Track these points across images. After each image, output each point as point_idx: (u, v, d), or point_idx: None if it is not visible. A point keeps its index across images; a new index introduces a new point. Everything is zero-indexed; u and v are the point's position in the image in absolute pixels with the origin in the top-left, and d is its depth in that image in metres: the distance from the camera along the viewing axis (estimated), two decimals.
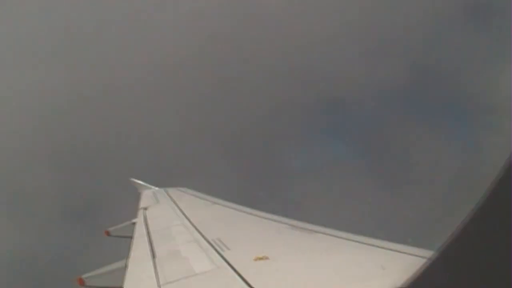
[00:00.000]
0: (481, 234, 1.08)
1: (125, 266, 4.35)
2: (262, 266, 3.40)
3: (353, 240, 3.98)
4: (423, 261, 3.08)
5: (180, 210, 7.51)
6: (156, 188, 12.18)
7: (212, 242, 4.49)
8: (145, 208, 8.43)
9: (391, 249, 3.55)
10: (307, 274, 3.18)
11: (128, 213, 8.56)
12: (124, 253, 4.96)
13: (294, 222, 5.09)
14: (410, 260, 3.25)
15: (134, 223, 7.23)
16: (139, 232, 6.15)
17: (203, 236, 4.93)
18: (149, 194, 11.14)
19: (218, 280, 3.28)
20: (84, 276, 4.82)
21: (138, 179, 13.98)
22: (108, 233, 7.70)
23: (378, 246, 3.68)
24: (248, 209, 6.59)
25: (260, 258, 3.54)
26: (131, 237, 5.93)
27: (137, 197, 11.30)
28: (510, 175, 0.98)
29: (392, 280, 2.81)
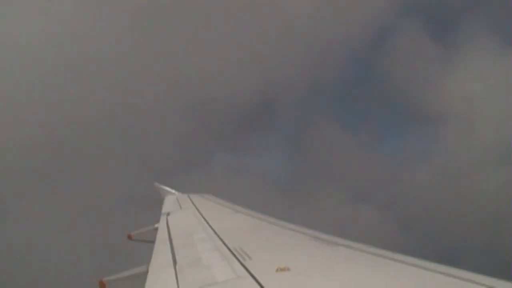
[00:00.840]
0: None
1: (146, 271, 4.36)
2: (283, 277, 3.37)
3: (380, 256, 3.92)
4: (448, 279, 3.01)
5: (203, 217, 7.52)
6: (179, 194, 12.26)
7: (233, 251, 4.48)
8: (168, 214, 8.47)
9: (413, 265, 3.48)
10: (328, 287, 3.14)
11: (151, 218, 8.61)
12: (145, 258, 4.97)
13: (317, 234, 5.05)
14: (437, 279, 3.19)
15: (156, 228, 7.27)
16: (161, 237, 6.17)
17: (225, 244, 4.92)
18: (172, 199, 11.21)
19: None
20: (105, 279, 4.84)
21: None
22: (130, 237, 7.76)
23: (403, 262, 3.61)
24: (271, 219, 6.57)
25: (282, 269, 3.50)
26: (153, 242, 5.95)
27: (160, 201, 11.40)
28: None
29: None
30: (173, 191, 12.92)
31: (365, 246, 4.28)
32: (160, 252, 5.15)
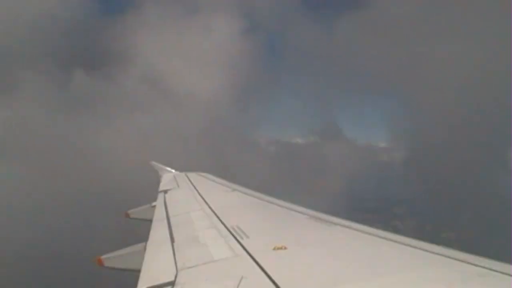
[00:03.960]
0: None
1: (144, 249, 4.38)
2: (280, 256, 3.39)
3: (375, 235, 3.95)
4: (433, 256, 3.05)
5: (200, 195, 7.53)
6: (177, 172, 12.26)
7: (231, 229, 4.50)
8: (165, 192, 8.48)
9: (413, 246, 3.52)
10: (325, 266, 3.16)
11: (149, 196, 8.62)
12: (143, 236, 4.99)
13: (314, 213, 5.07)
14: (423, 256, 3.23)
15: (153, 206, 7.28)
16: (159, 215, 6.18)
17: (222, 222, 4.93)
18: (169, 177, 11.22)
19: (236, 268, 3.27)
20: (103, 256, 4.86)
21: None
22: (127, 215, 7.77)
23: (399, 242, 3.65)
24: (268, 198, 6.58)
25: (279, 248, 3.53)
26: (150, 220, 5.96)
27: (157, 180, 11.40)
28: None
29: (415, 273, 2.80)
30: (170, 169, 12.92)
31: (361, 226, 4.31)
32: (158, 230, 5.17)
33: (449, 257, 3.13)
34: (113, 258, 4.90)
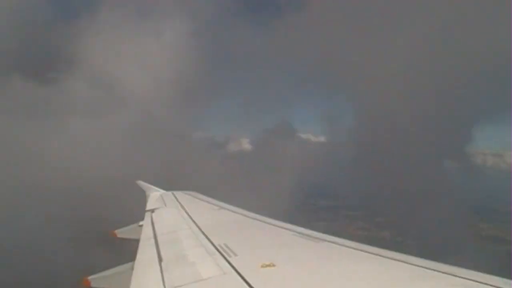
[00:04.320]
0: None
1: (132, 269, 4.36)
2: (268, 274, 3.41)
3: (361, 250, 3.98)
4: (428, 272, 3.09)
5: (187, 214, 7.51)
6: (163, 191, 12.21)
7: (219, 248, 4.50)
8: (152, 211, 8.43)
9: (398, 260, 3.56)
10: (313, 283, 3.18)
11: (135, 216, 8.57)
12: (130, 256, 4.96)
13: (301, 230, 5.09)
14: (415, 272, 3.26)
15: (141, 226, 7.24)
16: (146, 234, 6.15)
17: (210, 241, 4.93)
18: (156, 197, 11.16)
19: (225, 286, 3.28)
20: (90, 277, 4.82)
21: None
22: (114, 235, 7.71)
23: (386, 257, 3.68)
24: (255, 215, 6.60)
25: (267, 265, 3.54)
26: (137, 240, 5.93)
27: (144, 199, 11.33)
28: None
29: None
30: (157, 188, 12.86)
31: (348, 242, 4.34)
32: (145, 249, 5.14)
33: (439, 271, 3.18)
34: (100, 279, 4.86)
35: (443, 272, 3.11)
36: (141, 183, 13.94)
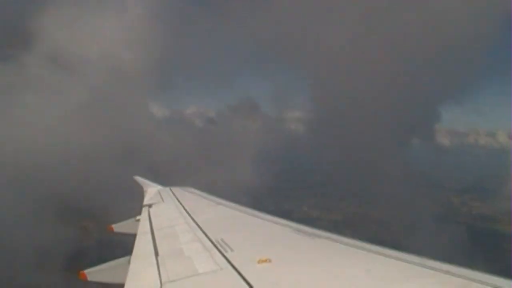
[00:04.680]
0: None
1: (128, 263, 4.36)
2: (264, 269, 3.42)
3: (356, 247, 3.99)
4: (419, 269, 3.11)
5: (185, 209, 7.52)
6: (161, 187, 12.21)
7: (215, 243, 4.51)
8: (150, 206, 8.44)
9: (393, 257, 3.57)
10: (309, 279, 3.19)
11: (133, 211, 8.57)
12: (127, 250, 4.96)
13: (298, 226, 5.10)
14: (410, 269, 3.28)
15: (138, 220, 7.24)
16: (143, 229, 6.16)
17: (206, 236, 4.94)
18: (153, 192, 11.16)
19: (220, 281, 3.29)
20: (86, 271, 4.83)
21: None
22: (111, 229, 7.71)
23: (381, 254, 3.69)
24: (252, 211, 6.60)
25: (263, 261, 3.55)
26: (134, 234, 5.93)
27: (141, 195, 11.33)
28: None
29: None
30: (155, 184, 12.86)
31: (345, 238, 4.35)
32: (142, 244, 5.15)
33: (433, 268, 3.19)
34: (97, 272, 4.86)
35: (437, 270, 3.12)
36: (139, 179, 13.93)
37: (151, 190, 11.72)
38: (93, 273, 4.84)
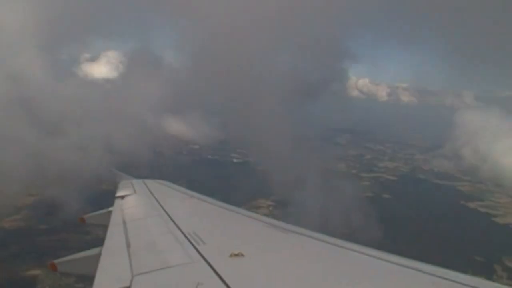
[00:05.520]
0: None
1: (99, 254, 4.32)
2: (237, 263, 3.43)
3: (329, 242, 4.04)
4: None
5: (157, 201, 7.47)
6: (134, 179, 12.14)
7: (188, 236, 4.50)
8: (122, 197, 8.37)
9: (366, 254, 3.62)
10: (281, 273, 3.22)
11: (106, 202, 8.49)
12: (98, 241, 4.92)
13: (271, 221, 5.13)
14: (381, 266, 3.34)
15: (110, 212, 7.18)
16: (115, 220, 6.10)
17: (179, 228, 4.93)
18: (126, 184, 11.07)
19: (192, 274, 3.29)
20: (56, 261, 4.77)
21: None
22: (83, 220, 7.63)
23: (354, 250, 3.75)
24: (226, 205, 6.60)
25: (236, 255, 3.57)
26: (106, 225, 5.88)
27: (115, 186, 11.25)
28: None
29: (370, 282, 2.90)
30: (128, 176, 12.78)
31: (316, 233, 4.39)
32: (114, 235, 5.11)
33: (403, 265, 3.25)
34: (67, 263, 4.81)
35: (410, 268, 3.18)
36: (113, 170, 13.83)
37: (125, 182, 11.63)
38: (63, 264, 4.79)
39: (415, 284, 2.94)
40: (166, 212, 6.19)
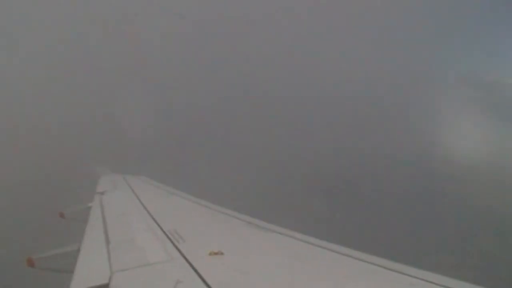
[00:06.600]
0: None
1: (78, 250, 4.30)
2: (216, 261, 3.45)
3: (309, 243, 4.07)
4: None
5: (138, 198, 7.46)
6: (115, 174, 12.07)
7: (167, 233, 4.50)
8: (102, 193, 8.33)
9: (346, 255, 3.67)
10: (260, 272, 3.24)
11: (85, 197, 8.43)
12: (77, 237, 4.89)
13: (251, 220, 5.15)
14: (362, 267, 3.38)
15: (90, 207, 7.14)
16: (94, 216, 6.07)
17: (159, 226, 4.93)
18: (107, 180, 11.01)
19: (171, 272, 3.29)
20: (34, 257, 4.73)
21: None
22: (62, 215, 7.57)
23: (334, 251, 3.79)
24: (206, 203, 6.61)
25: (215, 253, 3.58)
26: (85, 221, 5.84)
27: (95, 181, 11.16)
28: None
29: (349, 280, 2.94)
30: (108, 171, 12.71)
31: (297, 233, 4.42)
32: (93, 231, 5.08)
33: (386, 268, 3.29)
34: (45, 259, 4.78)
35: (390, 270, 3.23)
36: (94, 165, 13.74)
37: (105, 177, 11.56)
38: (41, 260, 4.75)
39: (394, 284, 2.99)
40: (146, 208, 6.18)
